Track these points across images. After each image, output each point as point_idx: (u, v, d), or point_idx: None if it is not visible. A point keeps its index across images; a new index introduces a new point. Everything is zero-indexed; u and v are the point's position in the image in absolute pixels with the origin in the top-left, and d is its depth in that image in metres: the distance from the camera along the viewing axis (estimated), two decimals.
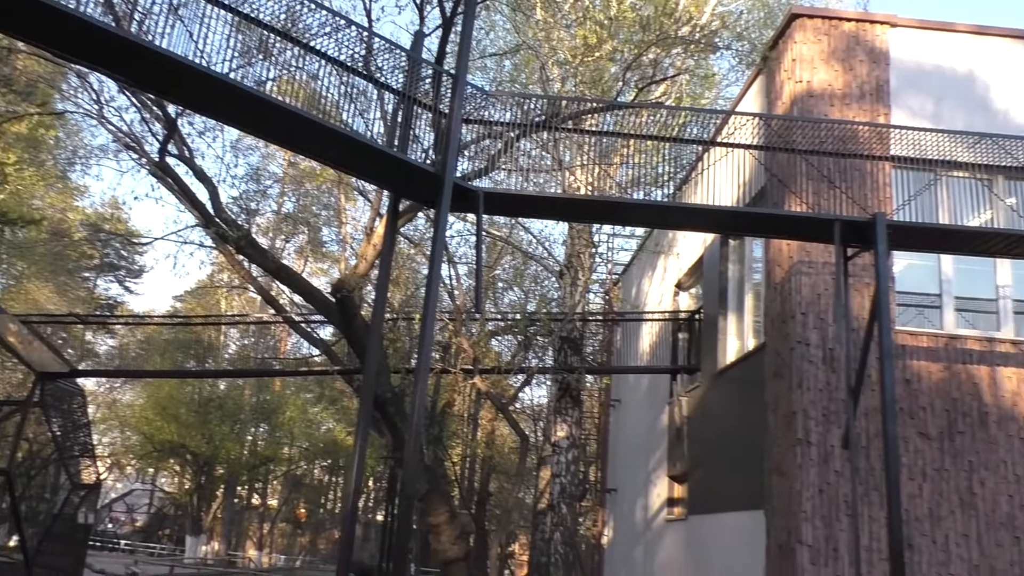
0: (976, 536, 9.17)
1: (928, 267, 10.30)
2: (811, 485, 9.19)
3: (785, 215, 8.79)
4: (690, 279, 15.68)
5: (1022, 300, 10.33)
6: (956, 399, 9.59)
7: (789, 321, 9.88)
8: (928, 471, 9.34)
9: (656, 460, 16.31)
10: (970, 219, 10.32)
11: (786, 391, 9.78)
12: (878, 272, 8.16)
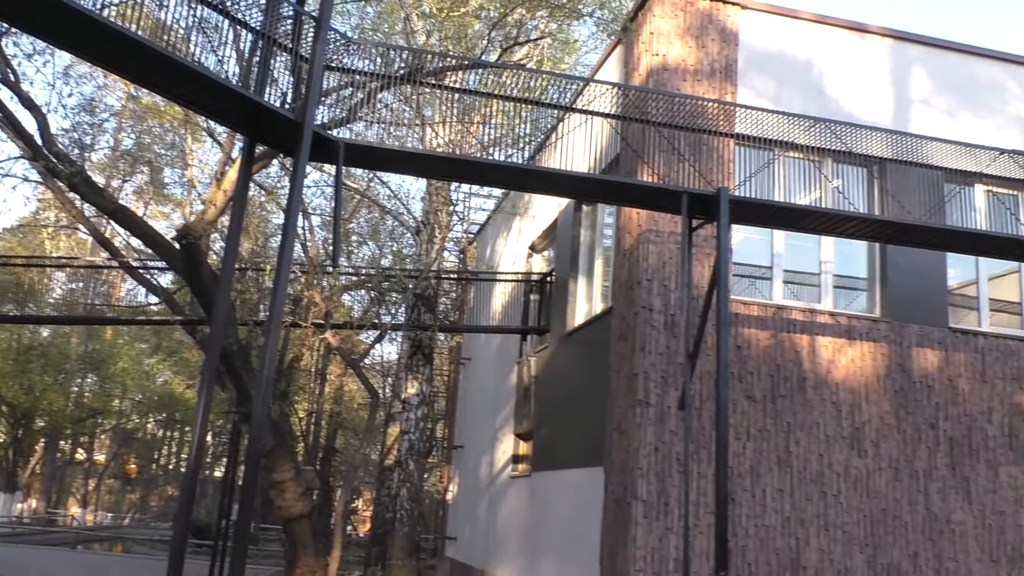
0: (789, 491, 10.07)
1: (762, 241, 11.06)
2: (648, 443, 9.77)
3: (636, 184, 9.17)
4: (544, 242, 16.07)
5: (841, 275, 11.30)
6: (780, 365, 10.42)
7: (635, 287, 10.37)
8: (752, 431, 10.13)
9: (503, 418, 16.76)
10: (801, 198, 11.14)
11: (629, 354, 10.29)
12: (719, 244, 8.69)
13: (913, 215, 10.70)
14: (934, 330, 11.07)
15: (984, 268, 11.72)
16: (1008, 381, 11.15)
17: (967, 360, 11.08)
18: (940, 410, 10.82)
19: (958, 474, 10.68)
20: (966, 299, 11.73)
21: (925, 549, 10.33)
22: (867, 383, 10.65)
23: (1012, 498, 10.78)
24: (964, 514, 10.57)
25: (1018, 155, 10.82)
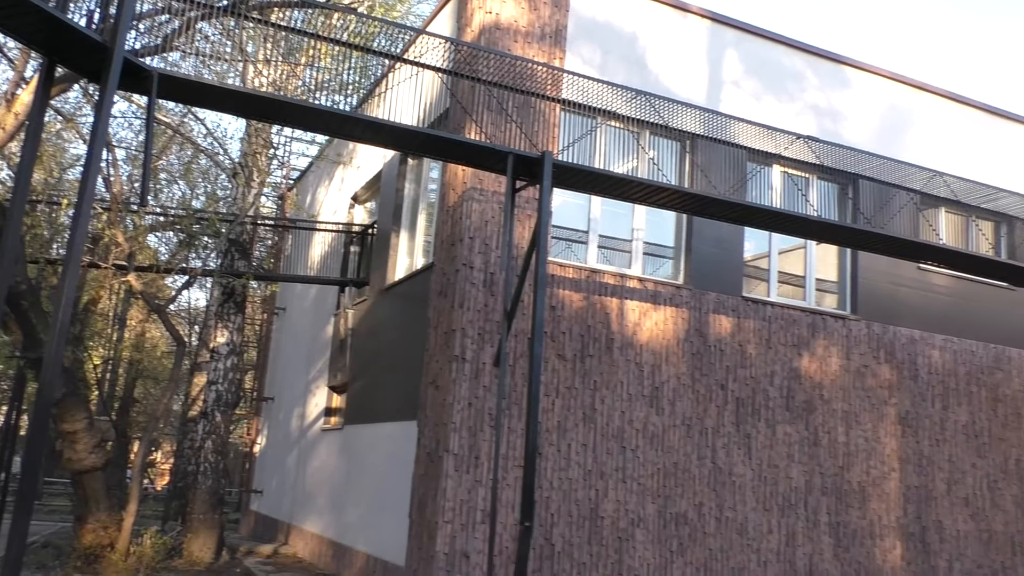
0: (592, 446, 10.65)
1: (580, 206, 11.48)
2: (462, 399, 9.98)
3: (463, 142, 9.22)
4: (367, 193, 15.83)
5: (651, 243, 11.96)
6: (590, 326, 10.93)
7: (458, 244, 10.47)
8: (561, 389, 10.60)
9: (317, 370, 16.51)
10: (619, 166, 11.65)
11: (448, 310, 10.42)
12: (541, 206, 8.92)
13: (718, 190, 11.48)
14: (729, 298, 11.98)
15: (776, 243, 12.79)
16: (789, 347, 12.29)
17: (756, 327, 12.10)
18: (730, 372, 11.78)
19: (741, 431, 11.70)
20: (758, 271, 12.77)
21: (709, 499, 11.28)
22: (668, 346, 11.40)
23: (786, 453, 11.96)
24: (744, 467, 11.62)
25: (812, 141, 11.81)
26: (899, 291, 13.44)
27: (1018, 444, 14.06)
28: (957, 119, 14.85)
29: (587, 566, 10.32)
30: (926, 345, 13.50)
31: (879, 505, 12.57)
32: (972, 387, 13.80)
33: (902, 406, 13.07)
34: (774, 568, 11.57)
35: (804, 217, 10.72)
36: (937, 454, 13.24)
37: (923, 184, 12.75)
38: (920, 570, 12.74)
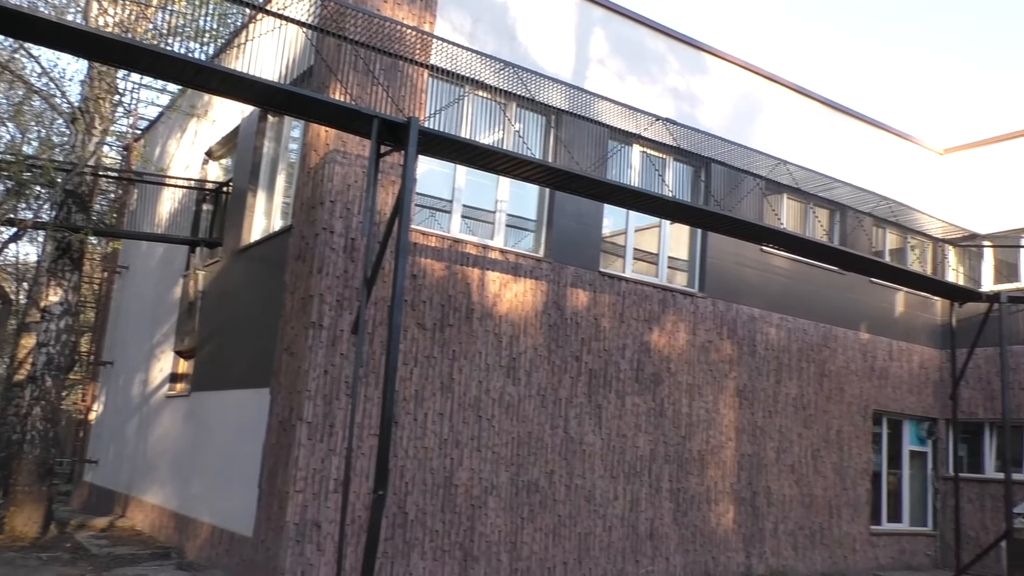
0: (449, 415, 10.68)
1: (444, 174, 11.38)
2: (318, 366, 9.74)
3: (328, 102, 8.89)
4: (222, 149, 15.08)
5: (514, 215, 12.03)
6: (451, 296, 10.90)
7: (318, 207, 10.15)
8: (420, 358, 10.54)
9: (163, 334, 15.68)
10: (485, 137, 11.62)
11: (306, 275, 10.11)
12: (405, 173, 8.76)
13: (581, 166, 11.67)
14: (587, 272, 12.26)
15: (633, 221, 13.16)
16: (640, 322, 12.74)
17: (610, 301, 12.45)
18: (584, 345, 12.08)
19: (593, 402, 12.05)
20: (615, 247, 13.12)
21: (560, 467, 11.58)
22: (526, 317, 11.54)
23: (633, 423, 12.43)
24: (594, 437, 11.99)
25: (670, 123, 12.19)
26: (743, 271, 14.18)
27: (839, 416, 15.23)
28: (801, 111, 15.73)
29: (440, 533, 10.38)
30: (764, 323, 14.33)
31: (716, 472, 13.31)
32: (803, 363, 14.80)
33: (740, 380, 13.85)
34: (618, 532, 12.05)
35: (660, 197, 11.07)
36: (769, 425, 14.14)
37: (768, 171, 13.45)
38: (749, 532, 13.62)
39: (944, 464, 16.89)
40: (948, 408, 16.25)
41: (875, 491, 15.89)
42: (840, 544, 14.90)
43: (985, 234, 16.88)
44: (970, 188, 17.67)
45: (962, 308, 14.94)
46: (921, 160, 17.91)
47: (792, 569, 14.06)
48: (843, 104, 16.39)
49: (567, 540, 11.51)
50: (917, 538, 16.43)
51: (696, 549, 12.89)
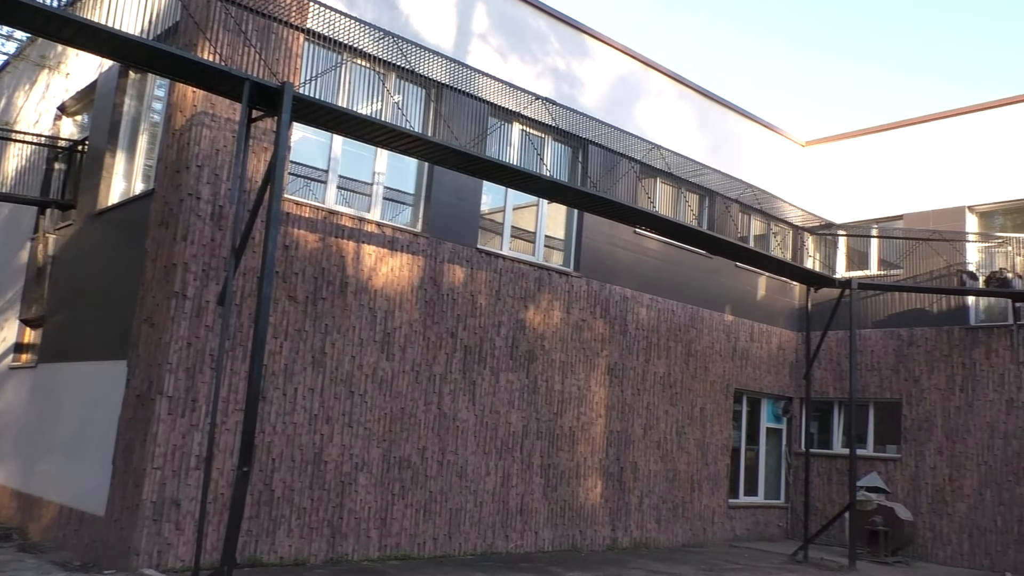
0: (320, 390, 10.50)
1: (320, 143, 11.11)
2: (180, 338, 9.36)
3: (195, 61, 8.48)
4: (77, 104, 14.16)
5: (392, 188, 11.89)
6: (325, 268, 10.69)
7: (183, 171, 9.71)
8: (290, 331, 10.30)
9: (7, 301, 14.67)
10: (363, 107, 11.41)
11: (169, 242, 9.67)
12: (278, 140, 8.50)
13: (460, 141, 11.65)
14: (464, 249, 12.28)
15: (511, 198, 13.26)
16: (517, 300, 12.89)
17: (487, 278, 12.53)
18: (460, 321, 12.12)
19: (467, 378, 12.13)
20: (494, 224, 13.19)
21: (433, 443, 11.62)
22: (402, 292, 11.47)
23: (507, 400, 12.60)
24: (468, 413, 12.08)
25: (550, 103, 12.33)
26: (616, 252, 14.56)
27: (703, 394, 15.94)
28: (676, 97, 16.23)
29: (307, 511, 10.23)
30: (636, 303, 14.79)
31: (586, 448, 13.69)
32: (671, 343, 15.38)
33: (612, 358, 14.26)
34: (489, 507, 12.22)
35: (539, 176, 11.19)
36: (637, 402, 14.64)
37: (643, 155, 13.83)
38: (616, 506, 14.10)
39: (797, 440, 17.98)
40: (802, 387, 17.28)
41: (734, 466, 16.75)
42: (700, 517, 15.65)
43: (840, 224, 17.99)
44: (828, 180, 18.75)
45: (817, 293, 15.88)
46: (785, 151, 18.85)
47: (655, 541, 14.66)
48: (715, 93, 17.02)
49: (438, 516, 11.58)
50: (771, 510, 17.45)
51: (565, 523, 13.24)
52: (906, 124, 17.86)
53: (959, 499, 15.59)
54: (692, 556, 13.90)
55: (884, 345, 17.08)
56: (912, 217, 17.10)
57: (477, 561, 11.48)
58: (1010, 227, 16.34)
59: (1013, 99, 16.36)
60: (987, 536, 15.18)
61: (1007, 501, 15.01)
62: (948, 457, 15.86)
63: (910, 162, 17.50)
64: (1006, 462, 15.14)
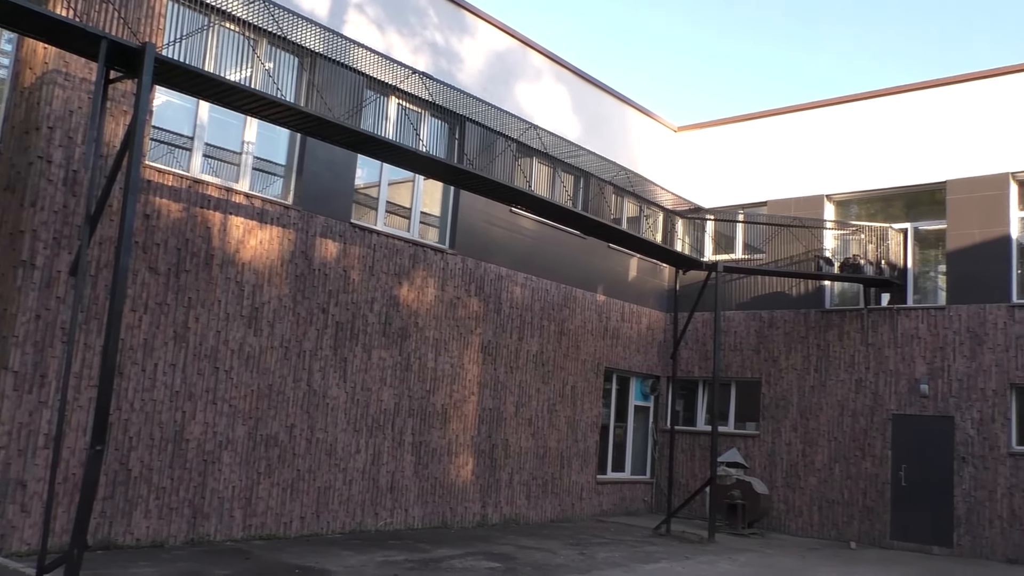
0: (182, 366, 10.26)
1: (186, 108, 10.79)
2: (28, 309, 8.95)
3: (45, 15, 8.06)
4: None
5: (262, 158, 11.68)
6: (189, 239, 10.42)
7: (33, 132, 9.25)
8: (151, 304, 10.00)
9: None
10: (232, 73, 11.14)
11: (16, 208, 9.21)
12: (138, 103, 8.21)
13: (334, 113, 11.55)
14: (337, 223, 12.21)
15: (387, 173, 13.26)
16: (391, 276, 12.93)
17: (361, 254, 12.51)
18: (332, 297, 12.07)
19: (339, 355, 12.10)
20: (369, 199, 13.16)
21: (301, 421, 11.56)
22: (271, 266, 11.32)
23: (379, 377, 12.65)
24: (339, 390, 12.07)
25: (426, 78, 12.38)
26: (492, 230, 14.80)
27: (574, 372, 16.45)
28: (554, 78, 16.57)
29: (167, 491, 10.01)
30: (510, 282, 15.09)
31: (458, 425, 13.92)
32: (544, 321, 15.79)
33: (485, 336, 14.52)
34: (359, 485, 12.27)
35: (415, 151, 11.25)
36: (510, 380, 14.98)
37: (520, 134, 14.09)
38: (486, 482, 14.42)
39: (663, 418, 18.82)
40: (670, 367, 18.08)
41: (603, 443, 17.39)
42: (569, 492, 16.19)
43: (708, 208, 18.86)
44: (699, 165, 19.60)
45: (685, 275, 16.64)
46: (659, 136, 19.56)
47: (524, 517, 15.09)
48: (592, 75, 17.46)
49: (305, 494, 11.55)
50: (637, 486, 18.23)
51: (435, 500, 13.45)
52: (772, 114, 18.85)
53: (811, 473, 16.74)
54: (560, 531, 14.39)
55: (747, 326, 18.07)
56: (775, 204, 18.11)
57: (345, 539, 11.53)
58: (864, 216, 17.56)
59: (868, 94, 17.53)
60: (835, 508, 16.37)
61: (853, 475, 16.23)
62: (802, 433, 16.98)
63: (775, 151, 18.50)
64: (854, 438, 16.35)
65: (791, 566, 12.51)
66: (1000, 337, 15.04)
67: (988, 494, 14.72)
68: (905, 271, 16.60)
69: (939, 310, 15.80)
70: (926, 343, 15.82)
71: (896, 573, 12.51)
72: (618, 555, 12.12)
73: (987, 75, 16.05)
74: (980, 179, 15.72)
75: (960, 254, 15.73)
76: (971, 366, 15.25)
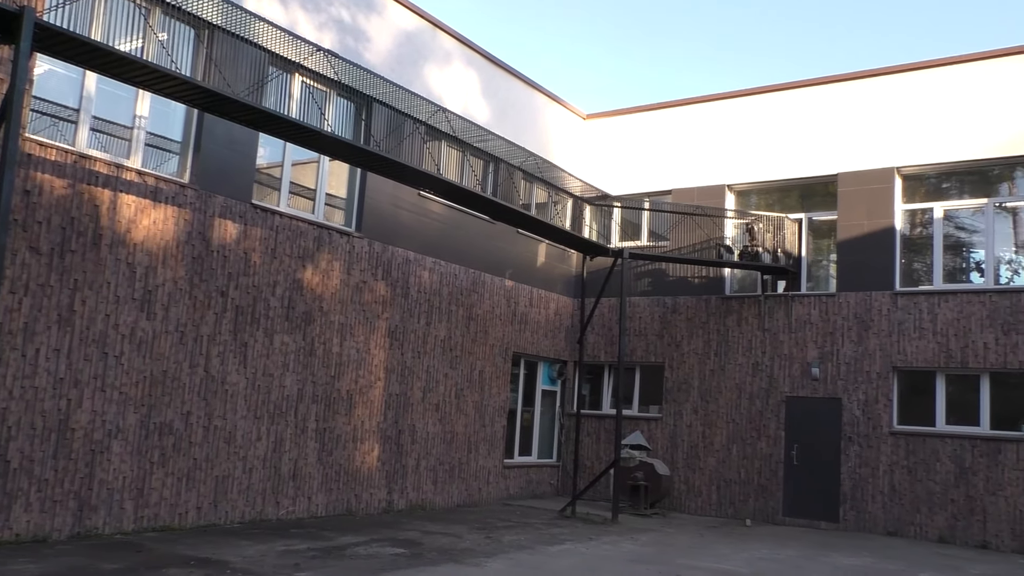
0: (67, 351, 9.61)
1: (71, 79, 10.07)
2: None
3: None
4: None
5: (156, 134, 11.03)
6: (75, 218, 9.75)
7: None
8: (32, 286, 9.32)
9: None
10: (123, 43, 10.45)
11: None
12: (16, 71, 7.58)
13: (234, 89, 10.99)
14: (238, 203, 11.67)
15: (291, 153, 12.75)
16: (294, 259, 12.46)
17: (263, 236, 12.00)
18: (232, 280, 11.54)
19: (238, 340, 11.59)
20: (271, 179, 12.64)
21: (199, 408, 11.02)
22: (166, 247, 10.72)
23: (281, 362, 12.19)
24: (238, 376, 11.57)
25: (332, 56, 11.93)
26: (400, 214, 14.45)
27: (482, 357, 16.28)
28: (464, 61, 16.29)
29: (50, 483, 9.38)
30: (418, 266, 14.79)
31: (364, 411, 13.57)
32: (452, 306, 15.55)
33: (392, 321, 14.19)
34: (259, 474, 11.81)
35: (320, 131, 10.82)
36: (417, 365, 14.70)
37: (429, 116, 13.77)
38: (393, 468, 14.13)
39: (570, 402, 18.87)
40: (577, 351, 18.12)
41: (510, 427, 17.31)
42: (476, 477, 16.05)
43: (615, 196, 18.94)
44: (607, 153, 19.66)
45: (592, 261, 16.68)
46: (568, 122, 19.52)
47: (431, 502, 14.87)
48: (502, 60, 17.25)
49: (202, 484, 11.03)
50: (543, 469, 18.24)
51: (340, 487, 13.09)
52: (678, 104, 19.03)
53: (710, 454, 17.07)
54: (467, 515, 14.23)
55: (651, 312, 18.26)
56: (680, 192, 18.32)
57: (245, 529, 11.08)
58: (763, 206, 17.95)
59: (768, 88, 17.87)
60: (732, 487, 16.75)
61: (749, 455, 16.63)
62: (702, 416, 17.29)
63: (680, 141, 18.70)
64: (750, 420, 16.74)
65: (690, 544, 12.69)
66: (884, 323, 15.62)
67: (871, 471, 15.31)
68: (800, 260, 17.05)
69: (830, 297, 16.30)
70: (818, 328, 16.30)
71: (785, 547, 12.85)
72: (524, 538, 12.04)
73: (876, 73, 16.59)
74: (868, 173, 16.25)
75: (849, 244, 16.25)
76: (858, 350, 15.80)
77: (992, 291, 14.86)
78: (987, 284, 15.16)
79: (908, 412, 15.45)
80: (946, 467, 14.71)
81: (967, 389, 15.01)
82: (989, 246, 15.31)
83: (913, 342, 15.33)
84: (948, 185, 16.17)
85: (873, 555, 12.57)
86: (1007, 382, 14.69)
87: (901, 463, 15.09)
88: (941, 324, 15.15)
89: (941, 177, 16.15)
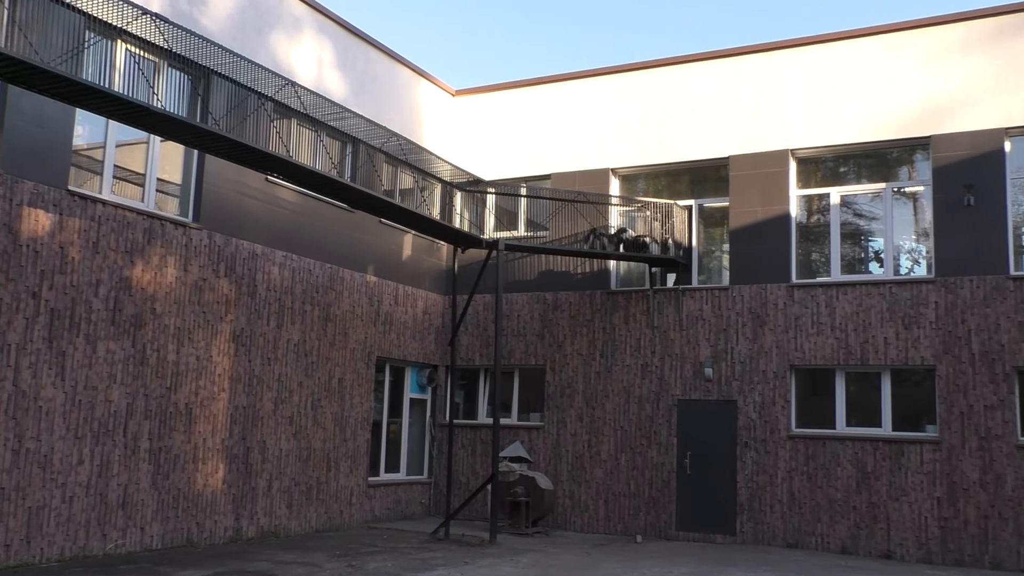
0: None
1: None
2: None
3: None
4: None
5: None
6: None
7: None
8: None
9: None
10: None
11: None
12: None
13: (42, 57, 10.88)
14: (51, 190, 11.55)
15: (114, 133, 12.67)
16: (121, 253, 12.41)
17: (82, 227, 11.91)
18: (46, 278, 11.42)
19: (55, 348, 11.48)
20: (91, 162, 12.53)
21: (6, 428, 10.87)
22: None
23: (107, 373, 12.13)
24: (55, 390, 11.46)
25: (162, 21, 11.94)
26: (245, 202, 14.55)
27: (342, 363, 16.55)
28: (316, 30, 16.48)
29: None
30: (267, 261, 14.92)
31: (205, 427, 13.63)
32: (307, 306, 15.75)
33: (238, 323, 14.29)
34: (82, 503, 11.74)
35: (147, 107, 10.84)
36: (267, 373, 14.84)
37: (276, 91, 13.93)
38: (240, 491, 14.23)
39: (442, 411, 19.33)
40: (448, 354, 18.59)
41: (375, 441, 17.63)
42: (337, 498, 16.30)
43: (490, 180, 19.47)
44: (479, 133, 20.20)
45: (465, 254, 17.17)
46: (435, 99, 19.96)
47: (285, 528, 15.04)
48: (360, 29, 17.52)
49: (12, 517, 10.89)
50: (413, 487, 18.65)
51: (178, 515, 13.11)
52: (556, 80, 19.68)
53: (597, 465, 17.88)
54: (327, 541, 14.49)
55: (530, 310, 18.93)
56: (560, 177, 19.05)
57: (64, 568, 11.01)
58: (651, 191, 18.88)
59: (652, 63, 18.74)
60: (621, 500, 17.60)
61: (640, 465, 17.51)
62: (588, 423, 18.07)
63: (559, 120, 19.41)
64: (640, 426, 17.62)
65: (575, 564, 13.37)
66: (780, 318, 16.74)
67: (769, 478, 16.39)
68: (690, 250, 18.03)
69: (723, 290, 17.33)
70: (710, 325, 17.31)
71: (678, 564, 13.69)
72: (391, 564, 12.42)
73: (770, 48, 17.67)
74: (761, 155, 17.36)
75: (742, 232, 17.34)
76: (753, 348, 16.88)
77: (891, 282, 16.10)
78: (887, 275, 16.38)
79: (807, 414, 16.55)
80: (847, 472, 15.82)
81: (868, 388, 16.21)
82: (888, 234, 16.60)
83: (811, 338, 16.48)
84: (845, 169, 17.49)
85: (772, 570, 13.32)
86: (909, 379, 15.95)
87: (800, 469, 16.19)
88: (840, 318, 16.33)
89: (838, 160, 17.45)
